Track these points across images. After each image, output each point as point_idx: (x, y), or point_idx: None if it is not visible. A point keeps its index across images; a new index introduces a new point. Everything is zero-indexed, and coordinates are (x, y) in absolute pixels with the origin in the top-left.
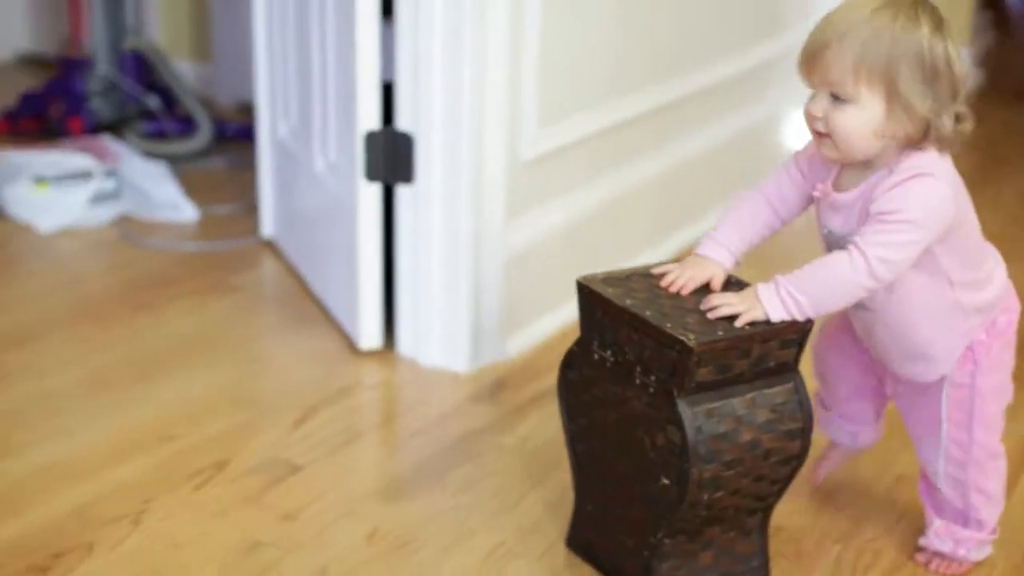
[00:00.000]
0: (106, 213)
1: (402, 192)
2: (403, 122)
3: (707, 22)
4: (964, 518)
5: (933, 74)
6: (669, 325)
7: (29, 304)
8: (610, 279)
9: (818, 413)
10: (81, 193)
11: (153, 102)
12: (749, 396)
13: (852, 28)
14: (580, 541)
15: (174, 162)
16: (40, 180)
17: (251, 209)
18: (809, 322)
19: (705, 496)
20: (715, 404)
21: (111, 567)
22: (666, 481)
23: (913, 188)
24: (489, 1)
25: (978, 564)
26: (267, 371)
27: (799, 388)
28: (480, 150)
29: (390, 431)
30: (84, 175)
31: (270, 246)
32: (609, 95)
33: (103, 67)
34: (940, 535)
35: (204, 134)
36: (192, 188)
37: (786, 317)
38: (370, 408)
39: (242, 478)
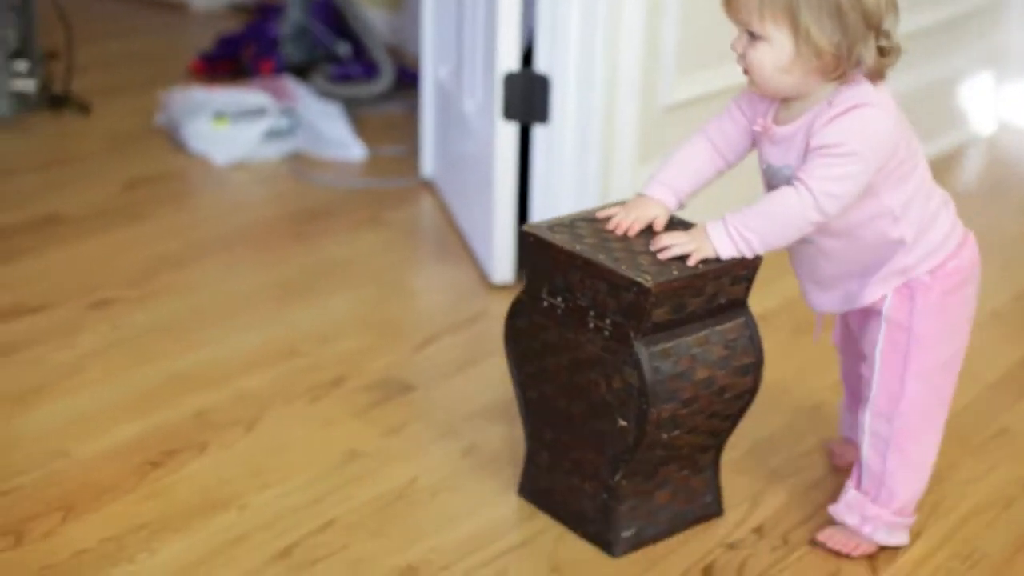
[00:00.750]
0: (279, 148)
1: (538, 132)
2: (541, 64)
3: None
4: (878, 487)
5: (836, 9)
6: (624, 267)
7: (195, 229)
8: (556, 225)
9: (843, 418)
10: (256, 129)
11: (342, 48)
12: (702, 334)
13: None
14: (533, 489)
15: (356, 105)
16: (219, 116)
17: (415, 150)
18: (758, 257)
19: (664, 436)
20: (670, 344)
21: (218, 465)
22: (623, 423)
23: (853, 119)
24: None
25: (884, 549)
26: (401, 298)
27: (749, 323)
28: (613, 93)
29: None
30: (259, 112)
31: (428, 186)
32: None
33: (295, 13)
34: (850, 505)
35: (386, 79)
36: (366, 129)
37: (735, 254)
38: (492, 337)
39: (355, 394)
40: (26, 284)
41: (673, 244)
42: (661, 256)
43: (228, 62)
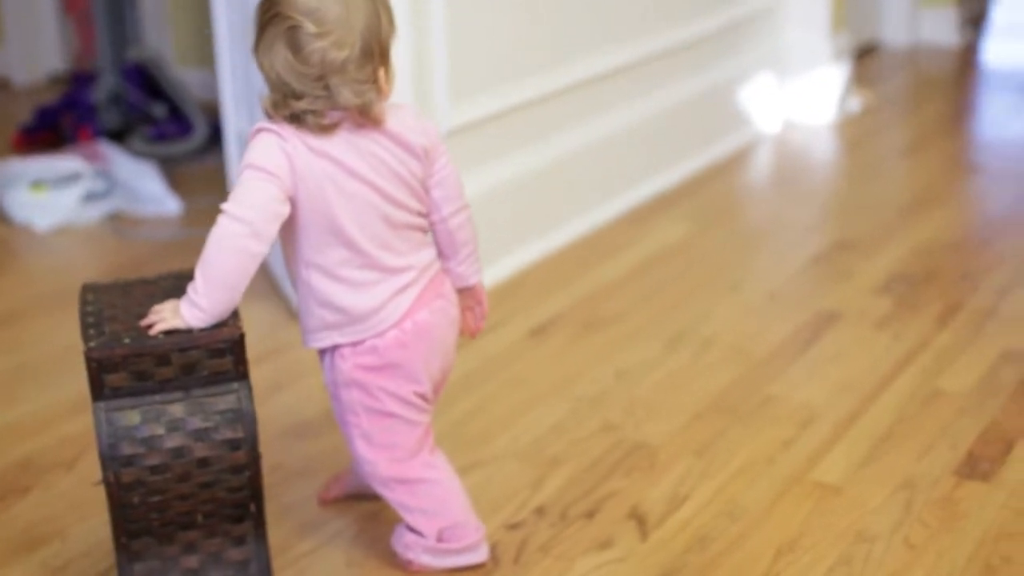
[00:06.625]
0: (98, 210)
1: None
2: None
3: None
4: (407, 522)
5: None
6: (91, 331)
7: (20, 292)
8: (119, 283)
9: None
10: (73, 193)
11: (157, 109)
12: (182, 404)
13: None
14: None
15: (174, 162)
16: (37, 184)
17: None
18: (235, 330)
19: (136, 499)
20: (133, 410)
21: (41, 504)
22: (98, 482)
23: (252, 139)
24: None
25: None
26: None
27: (242, 399)
28: None
29: (309, 384)
30: (75, 176)
31: None
32: (525, 71)
33: (108, 80)
34: (396, 532)
35: (199, 135)
36: (184, 183)
37: (196, 321)
38: (299, 363)
39: None
40: None
41: (157, 315)
42: (142, 323)
43: (48, 133)
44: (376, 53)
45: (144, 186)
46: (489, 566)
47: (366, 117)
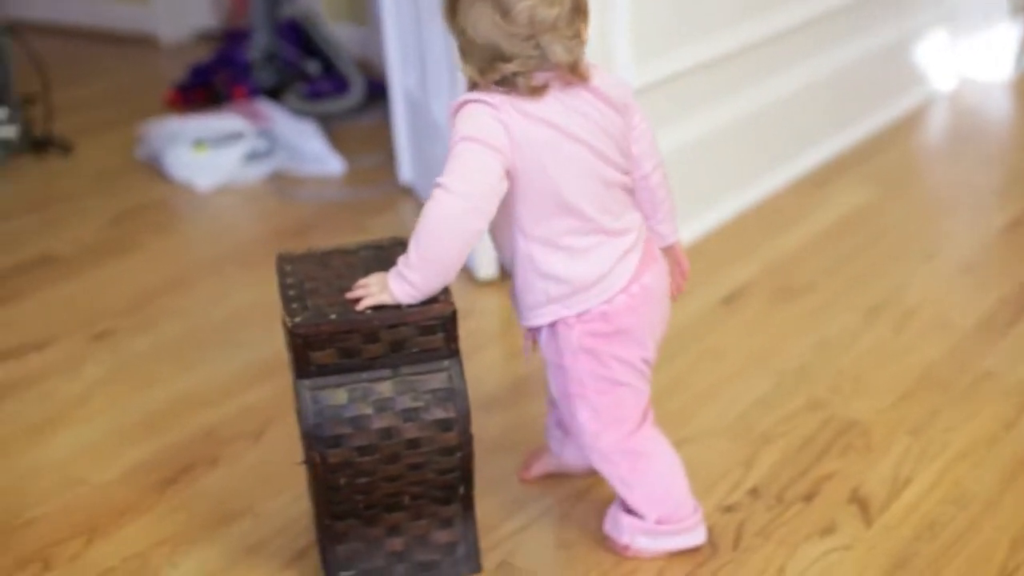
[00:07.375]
0: (259, 170)
1: None
2: None
3: None
4: (627, 503)
5: (453, 34)
6: (294, 305)
7: (185, 255)
8: (314, 252)
9: (550, 430)
10: (235, 152)
11: (312, 66)
12: (390, 382)
13: None
14: None
15: (330, 120)
16: (199, 143)
17: (391, 159)
18: (448, 306)
19: (343, 480)
20: (340, 388)
21: (230, 476)
22: (302, 463)
23: (461, 111)
24: None
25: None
26: None
27: (454, 377)
28: None
29: (499, 348)
30: (237, 136)
31: (407, 191)
32: (703, 32)
33: (263, 37)
34: (610, 514)
35: (356, 92)
36: (342, 142)
37: (406, 297)
38: (481, 332)
39: None
40: (28, 323)
41: (364, 289)
42: (348, 296)
43: (202, 90)
44: (583, 8)
45: (306, 145)
46: (708, 551)
47: (575, 74)
